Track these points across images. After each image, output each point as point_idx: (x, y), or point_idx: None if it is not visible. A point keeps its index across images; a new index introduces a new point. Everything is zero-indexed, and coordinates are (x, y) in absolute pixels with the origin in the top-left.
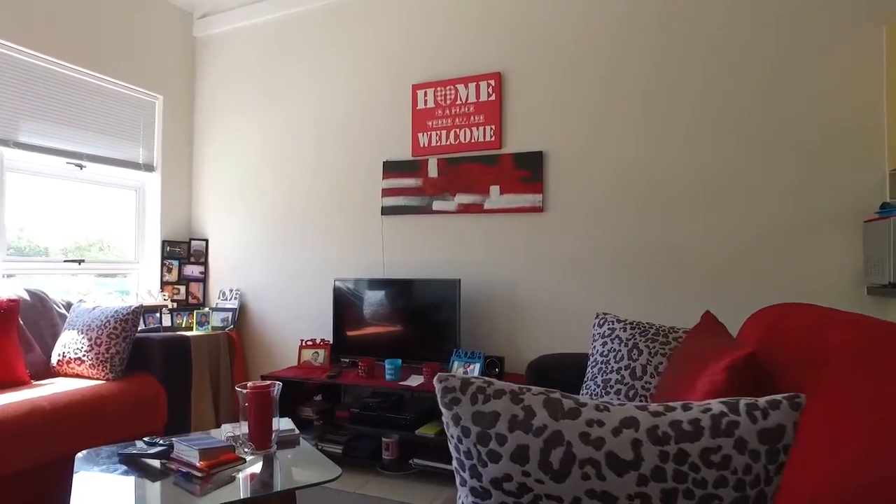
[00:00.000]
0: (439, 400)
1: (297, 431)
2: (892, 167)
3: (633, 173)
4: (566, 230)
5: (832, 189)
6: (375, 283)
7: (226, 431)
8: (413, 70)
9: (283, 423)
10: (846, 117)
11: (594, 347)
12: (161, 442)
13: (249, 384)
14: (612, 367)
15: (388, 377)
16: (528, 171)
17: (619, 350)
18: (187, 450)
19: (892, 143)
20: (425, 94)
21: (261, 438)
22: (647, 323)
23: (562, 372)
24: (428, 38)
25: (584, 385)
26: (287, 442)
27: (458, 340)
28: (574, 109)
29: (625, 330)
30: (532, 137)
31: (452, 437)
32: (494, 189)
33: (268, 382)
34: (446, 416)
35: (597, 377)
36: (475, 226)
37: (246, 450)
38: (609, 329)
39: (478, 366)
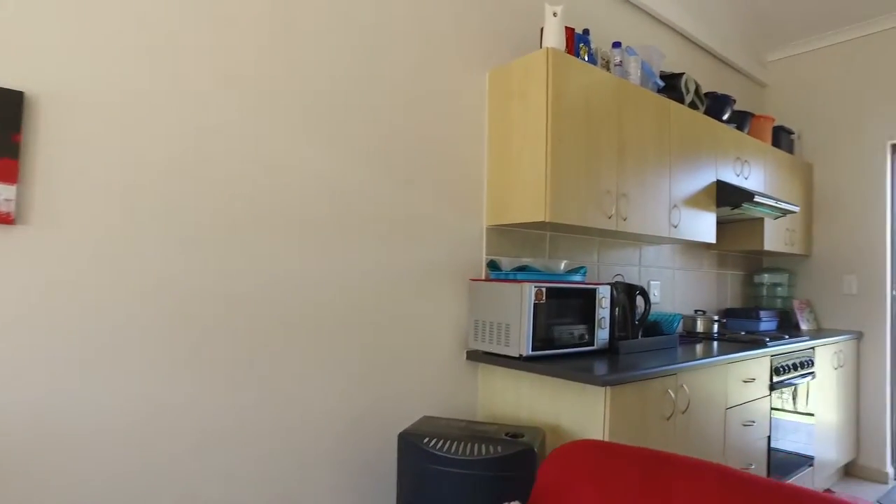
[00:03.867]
0: None
1: None
2: (489, 222)
3: (215, 170)
4: (73, 267)
5: (447, 240)
6: None
7: None
8: None
9: None
10: (458, 167)
11: None
12: None
13: None
14: None
15: None
16: None
17: None
18: None
19: (491, 196)
20: None
21: None
22: None
23: None
24: None
25: None
26: None
27: None
28: (124, 25)
29: None
30: (6, 52)
31: None
32: None
33: None
34: None
35: None
36: None
37: None
38: None
39: None
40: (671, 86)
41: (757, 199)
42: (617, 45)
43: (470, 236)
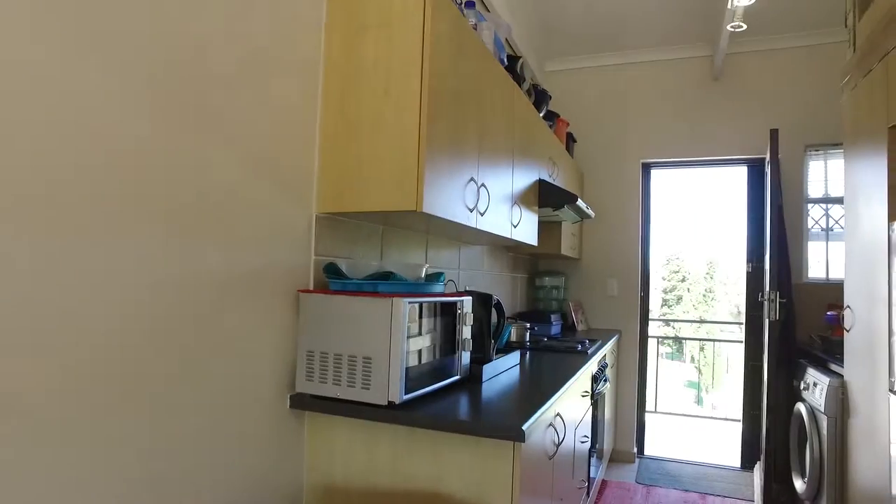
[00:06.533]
0: None
1: None
2: (321, 209)
3: None
4: None
5: (259, 232)
6: None
7: None
8: None
9: None
10: (274, 124)
11: None
12: None
13: None
14: None
15: None
16: None
17: None
18: None
19: (327, 171)
20: None
21: None
22: None
23: None
24: None
25: None
26: None
27: None
28: None
29: None
30: None
31: None
32: None
33: None
34: None
35: None
36: None
37: None
38: None
39: None
40: (511, 68)
41: (578, 202)
42: (470, 5)
43: (292, 228)
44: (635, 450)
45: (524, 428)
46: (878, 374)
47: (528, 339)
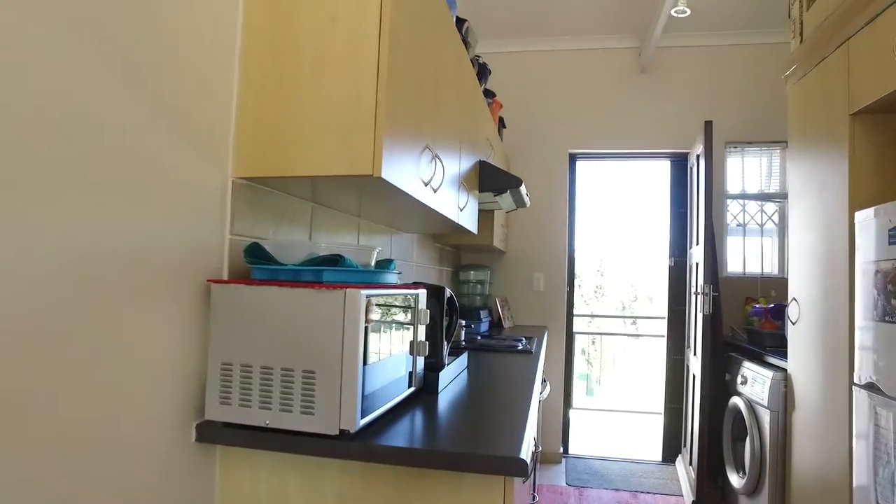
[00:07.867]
0: None
1: None
2: (240, 173)
3: None
4: None
5: (152, 199)
6: None
7: None
8: None
9: None
10: (180, 52)
11: None
12: None
13: None
14: None
15: None
16: None
17: None
18: None
19: (246, 118)
20: None
21: None
22: None
23: None
24: None
25: None
26: None
27: None
28: None
29: None
30: None
31: None
32: None
33: None
34: None
35: None
36: None
37: None
38: None
39: None
40: (458, 30)
41: (521, 188)
42: None
43: (200, 195)
44: (561, 449)
45: (524, 457)
46: (835, 367)
47: (463, 337)
